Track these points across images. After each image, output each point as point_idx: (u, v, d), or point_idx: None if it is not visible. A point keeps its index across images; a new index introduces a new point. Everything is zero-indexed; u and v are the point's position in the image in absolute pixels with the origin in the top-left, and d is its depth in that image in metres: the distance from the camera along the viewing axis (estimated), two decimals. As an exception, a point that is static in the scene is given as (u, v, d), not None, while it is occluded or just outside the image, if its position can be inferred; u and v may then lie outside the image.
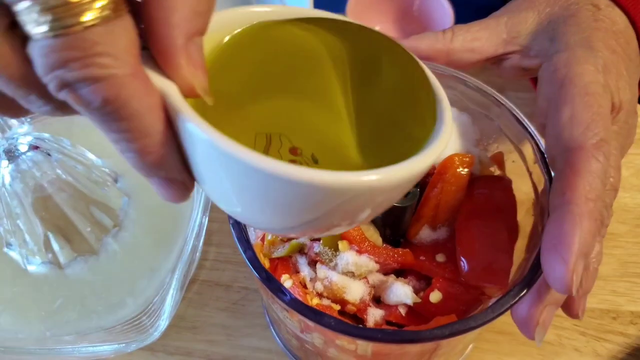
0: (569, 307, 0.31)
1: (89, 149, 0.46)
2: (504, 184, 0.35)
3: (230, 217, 0.31)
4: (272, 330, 0.43)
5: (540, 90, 0.32)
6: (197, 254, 0.39)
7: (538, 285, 0.29)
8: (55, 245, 0.41)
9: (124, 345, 0.35)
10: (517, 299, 0.28)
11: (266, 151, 0.21)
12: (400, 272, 0.35)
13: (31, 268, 0.43)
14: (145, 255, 0.43)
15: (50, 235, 0.41)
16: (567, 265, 0.25)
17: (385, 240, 0.35)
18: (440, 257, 0.34)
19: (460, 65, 0.36)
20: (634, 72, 0.33)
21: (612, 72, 0.31)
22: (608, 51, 0.32)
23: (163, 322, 0.35)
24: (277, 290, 0.28)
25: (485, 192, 0.35)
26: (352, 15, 0.58)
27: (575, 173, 0.27)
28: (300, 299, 0.32)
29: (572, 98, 0.29)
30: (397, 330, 0.30)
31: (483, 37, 0.35)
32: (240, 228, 0.31)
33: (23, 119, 0.48)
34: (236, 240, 0.31)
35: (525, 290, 0.28)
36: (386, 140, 0.22)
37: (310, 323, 0.28)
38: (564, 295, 0.29)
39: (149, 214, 0.45)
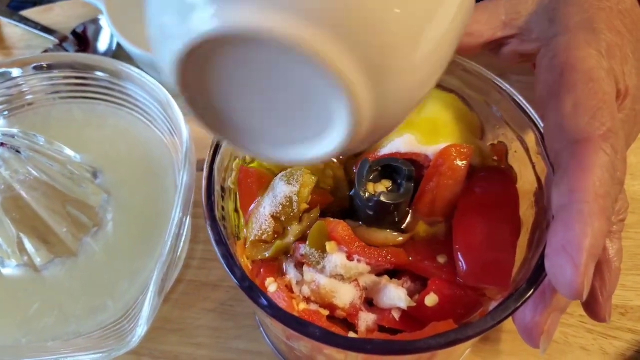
0: (596, 313, 0.30)
1: (67, 144, 0.43)
2: (505, 176, 0.33)
3: (206, 218, 0.29)
4: (262, 331, 0.41)
5: (538, 77, 0.30)
6: (178, 254, 0.37)
7: (542, 290, 0.27)
8: (30, 247, 0.39)
9: (100, 355, 0.33)
10: (519, 303, 0.26)
11: None
12: (395, 272, 0.33)
13: (6, 271, 0.40)
14: (127, 255, 0.41)
15: (23, 237, 0.39)
16: (577, 267, 0.23)
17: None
18: (440, 258, 0.31)
19: (458, 50, 0.34)
20: None
21: (617, 56, 0.29)
22: (612, 33, 0.29)
23: (140, 329, 0.33)
24: (257, 299, 0.26)
25: (485, 185, 0.32)
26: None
27: (583, 168, 0.24)
28: (285, 304, 0.30)
29: (575, 85, 0.27)
30: (387, 340, 0.27)
31: (482, 20, 0.33)
32: (218, 230, 0.29)
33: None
34: (214, 244, 0.28)
35: (529, 293, 0.26)
36: None
37: (294, 333, 0.25)
38: (571, 300, 0.27)
39: (130, 212, 0.42)
